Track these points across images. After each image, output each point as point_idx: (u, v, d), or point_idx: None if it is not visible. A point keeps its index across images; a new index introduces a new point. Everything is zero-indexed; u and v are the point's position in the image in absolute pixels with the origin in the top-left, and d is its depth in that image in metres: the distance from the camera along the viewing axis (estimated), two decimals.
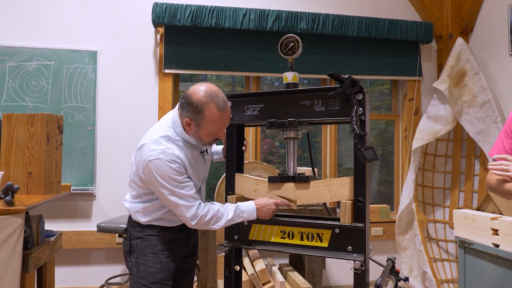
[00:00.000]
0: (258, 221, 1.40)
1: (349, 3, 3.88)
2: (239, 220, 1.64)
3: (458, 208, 3.52)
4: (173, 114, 1.76)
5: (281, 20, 3.50)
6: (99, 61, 3.43)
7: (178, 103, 1.72)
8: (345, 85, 1.24)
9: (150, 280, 1.74)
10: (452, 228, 3.49)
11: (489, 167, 1.48)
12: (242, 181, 1.47)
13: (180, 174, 1.65)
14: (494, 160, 1.49)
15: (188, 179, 1.68)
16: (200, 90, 1.62)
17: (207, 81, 2.27)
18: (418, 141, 3.64)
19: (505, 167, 1.41)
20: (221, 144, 2.11)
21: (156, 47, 3.57)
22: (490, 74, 3.60)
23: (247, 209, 1.64)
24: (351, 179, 1.27)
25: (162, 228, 1.76)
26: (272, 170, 2.93)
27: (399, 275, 1.42)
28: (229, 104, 1.64)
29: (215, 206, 1.68)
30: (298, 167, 2.20)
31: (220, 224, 1.66)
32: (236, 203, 1.52)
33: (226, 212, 1.65)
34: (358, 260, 1.19)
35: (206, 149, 1.84)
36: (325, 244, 1.29)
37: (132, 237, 1.79)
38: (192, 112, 1.63)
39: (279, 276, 2.66)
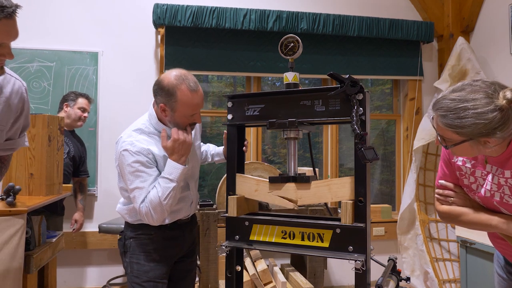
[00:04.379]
0: (259, 221, 1.40)
1: (350, 3, 3.88)
2: (175, 180, 1.62)
3: None
4: (150, 108, 1.79)
5: (282, 21, 3.50)
6: (100, 62, 3.44)
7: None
8: (345, 85, 1.24)
9: (143, 279, 1.75)
10: (454, 227, 3.49)
11: (436, 196, 1.49)
12: (243, 182, 1.47)
13: (145, 167, 1.66)
14: (441, 185, 1.49)
15: (153, 175, 1.68)
16: (170, 74, 1.67)
17: (207, 82, 2.26)
18: (419, 141, 3.64)
19: (452, 199, 1.44)
20: (221, 146, 2.12)
21: (157, 48, 3.58)
22: (491, 74, 3.60)
23: (168, 168, 1.63)
24: (352, 179, 1.27)
25: (153, 228, 1.75)
26: (273, 170, 2.93)
27: (401, 275, 1.41)
28: (200, 88, 1.69)
29: (150, 192, 1.65)
30: (299, 167, 2.20)
31: (161, 206, 1.62)
32: (236, 203, 1.52)
33: (157, 192, 1.62)
34: (359, 260, 1.19)
35: None
36: (326, 244, 1.29)
37: (126, 237, 1.81)
38: (165, 96, 1.66)
39: (281, 277, 2.66)
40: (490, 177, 1.34)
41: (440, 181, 1.49)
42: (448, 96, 1.22)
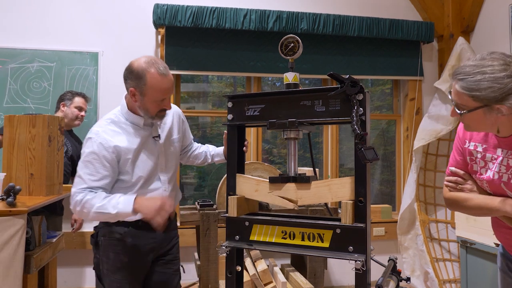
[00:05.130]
0: (259, 221, 1.40)
1: (350, 3, 3.88)
2: (113, 211, 1.57)
3: None
4: (122, 99, 1.80)
5: (282, 21, 3.50)
6: (101, 62, 3.44)
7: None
8: (345, 85, 1.24)
9: (112, 279, 1.76)
10: (454, 228, 3.48)
11: (445, 183, 1.54)
12: (243, 182, 1.47)
13: (97, 162, 1.65)
14: (451, 172, 1.54)
15: (100, 173, 1.65)
16: (140, 59, 1.69)
17: (207, 82, 2.27)
18: (419, 141, 3.64)
19: (460, 186, 1.49)
20: (221, 146, 2.11)
21: (157, 48, 3.58)
22: None
23: (125, 202, 1.58)
24: (352, 179, 1.27)
25: (125, 226, 1.74)
26: (273, 170, 2.93)
27: (401, 275, 1.41)
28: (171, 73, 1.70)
29: (95, 194, 1.63)
30: (299, 168, 2.20)
31: (88, 210, 1.60)
32: (237, 203, 1.52)
33: (98, 203, 1.59)
34: (359, 260, 1.19)
35: (159, 135, 1.81)
36: (326, 244, 1.29)
37: (99, 235, 1.80)
38: (134, 79, 1.66)
39: (281, 277, 2.66)
40: (499, 159, 1.39)
41: (450, 168, 1.54)
42: (468, 63, 1.31)
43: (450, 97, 1.38)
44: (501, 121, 1.30)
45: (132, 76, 1.67)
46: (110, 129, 1.72)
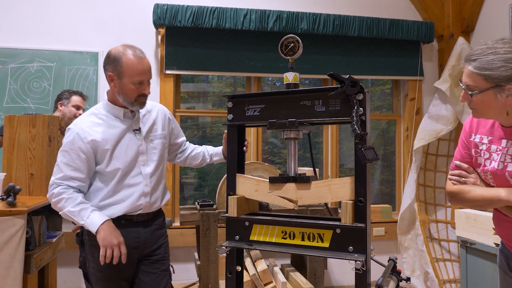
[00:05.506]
0: (259, 221, 1.40)
1: (350, 3, 3.88)
2: (80, 222, 1.67)
3: (460, 208, 3.51)
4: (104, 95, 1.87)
5: (282, 21, 3.50)
6: (101, 62, 3.44)
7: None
8: (345, 85, 1.24)
9: (98, 277, 1.77)
10: (454, 228, 3.49)
11: (449, 177, 1.56)
12: (243, 182, 1.47)
13: (73, 152, 1.70)
14: (455, 165, 1.56)
15: (76, 163, 1.71)
16: (117, 46, 1.76)
17: (207, 82, 2.27)
18: (419, 141, 3.64)
19: (464, 179, 1.51)
20: (221, 146, 2.11)
21: (157, 48, 3.58)
22: None
23: (94, 219, 1.66)
24: (352, 179, 1.27)
25: None
26: (273, 170, 2.93)
27: (401, 275, 1.41)
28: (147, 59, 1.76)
29: (72, 195, 1.70)
30: (299, 168, 2.20)
31: (60, 207, 1.69)
32: (237, 203, 1.52)
33: (72, 205, 1.67)
34: (359, 260, 1.19)
35: (140, 128, 1.83)
36: (326, 244, 1.29)
37: (84, 233, 1.81)
38: (111, 63, 1.72)
39: (281, 277, 2.66)
40: (505, 150, 1.42)
41: (455, 161, 1.56)
42: (481, 46, 1.38)
43: (461, 84, 1.40)
44: (510, 104, 1.33)
45: (110, 60, 1.74)
46: (90, 120, 1.77)
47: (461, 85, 1.40)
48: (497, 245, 2.35)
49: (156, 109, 1.94)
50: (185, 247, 3.51)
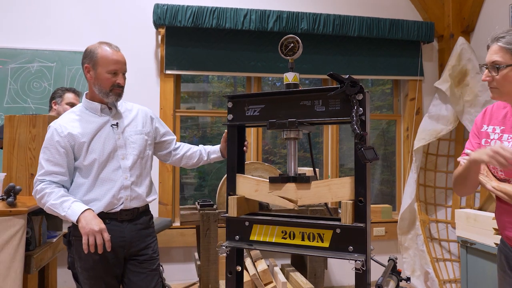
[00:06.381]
0: (259, 221, 1.40)
1: (350, 3, 3.88)
2: (62, 213, 1.68)
3: (460, 208, 3.51)
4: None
5: (282, 21, 3.50)
6: None
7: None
8: (345, 85, 1.24)
9: (85, 276, 1.78)
10: (454, 228, 3.49)
11: (459, 159, 1.61)
12: (243, 182, 1.47)
13: (52, 148, 1.75)
14: (465, 153, 1.60)
15: (56, 158, 1.75)
16: (94, 43, 1.88)
17: (207, 82, 2.28)
18: (419, 141, 3.64)
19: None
20: (214, 145, 2.10)
21: (157, 48, 3.58)
22: None
23: (75, 209, 1.67)
24: (352, 179, 1.27)
25: None
26: (273, 170, 2.93)
27: (401, 275, 1.41)
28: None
29: (54, 189, 1.73)
30: (299, 168, 2.20)
31: (44, 202, 1.72)
32: (237, 203, 1.52)
33: (54, 199, 1.70)
34: (359, 260, 1.19)
35: (117, 123, 1.87)
36: (326, 244, 1.29)
37: (71, 234, 1.83)
38: (88, 57, 1.83)
39: (281, 277, 2.66)
40: None
41: (466, 150, 1.61)
42: (505, 29, 1.48)
43: (484, 67, 1.48)
44: None
45: (86, 54, 1.84)
46: (68, 117, 1.84)
47: (483, 67, 1.48)
48: (497, 245, 2.35)
49: (136, 108, 2.01)
50: (185, 247, 3.51)
